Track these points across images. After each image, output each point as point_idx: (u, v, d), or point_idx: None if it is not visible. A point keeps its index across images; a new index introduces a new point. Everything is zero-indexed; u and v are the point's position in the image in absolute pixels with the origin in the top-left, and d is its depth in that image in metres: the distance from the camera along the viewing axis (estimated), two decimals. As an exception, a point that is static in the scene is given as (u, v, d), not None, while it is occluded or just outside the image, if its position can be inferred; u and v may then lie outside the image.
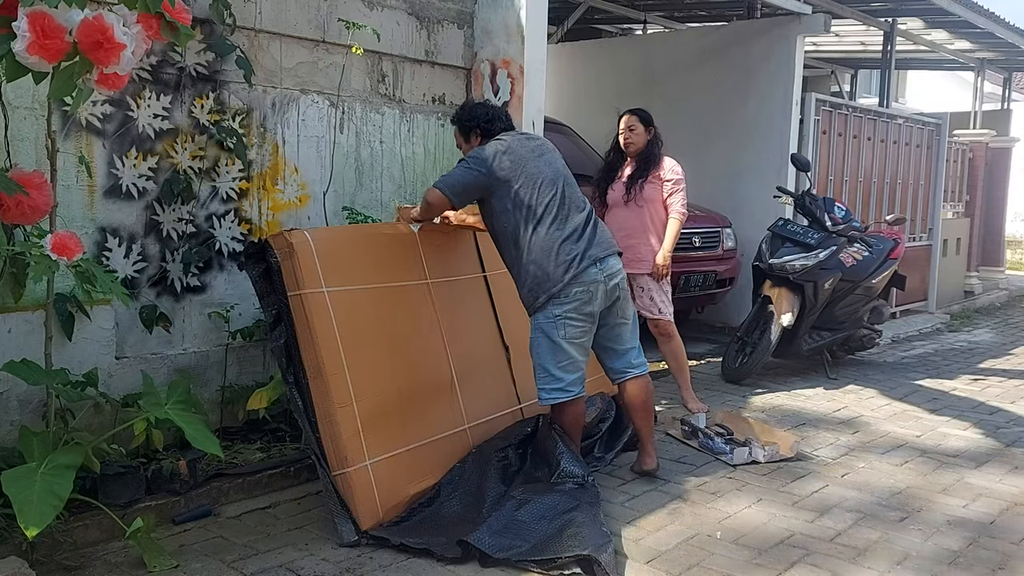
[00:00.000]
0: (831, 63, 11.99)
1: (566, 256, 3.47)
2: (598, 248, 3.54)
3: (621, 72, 8.20)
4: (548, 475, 3.44)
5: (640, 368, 3.78)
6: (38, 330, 3.07)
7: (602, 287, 3.52)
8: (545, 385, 3.57)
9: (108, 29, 2.32)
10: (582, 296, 3.48)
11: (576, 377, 3.57)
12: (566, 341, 3.51)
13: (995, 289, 11.23)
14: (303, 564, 2.95)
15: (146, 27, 2.43)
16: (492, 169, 3.50)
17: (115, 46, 2.33)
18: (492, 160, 3.51)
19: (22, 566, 2.62)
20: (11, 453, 2.99)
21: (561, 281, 3.46)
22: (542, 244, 3.48)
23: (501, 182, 3.50)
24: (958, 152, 10.28)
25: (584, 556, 2.88)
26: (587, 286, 3.48)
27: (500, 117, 3.74)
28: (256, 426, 3.98)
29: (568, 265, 3.46)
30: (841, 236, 5.90)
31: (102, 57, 2.33)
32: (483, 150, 3.57)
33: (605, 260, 3.55)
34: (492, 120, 3.71)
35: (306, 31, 4.21)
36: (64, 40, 2.31)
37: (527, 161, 3.54)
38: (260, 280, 3.36)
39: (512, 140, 3.62)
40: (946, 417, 5.15)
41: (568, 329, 3.50)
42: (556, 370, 3.54)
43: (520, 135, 3.73)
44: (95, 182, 3.54)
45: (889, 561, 3.11)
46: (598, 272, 3.51)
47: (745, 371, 5.78)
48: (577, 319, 3.50)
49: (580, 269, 3.47)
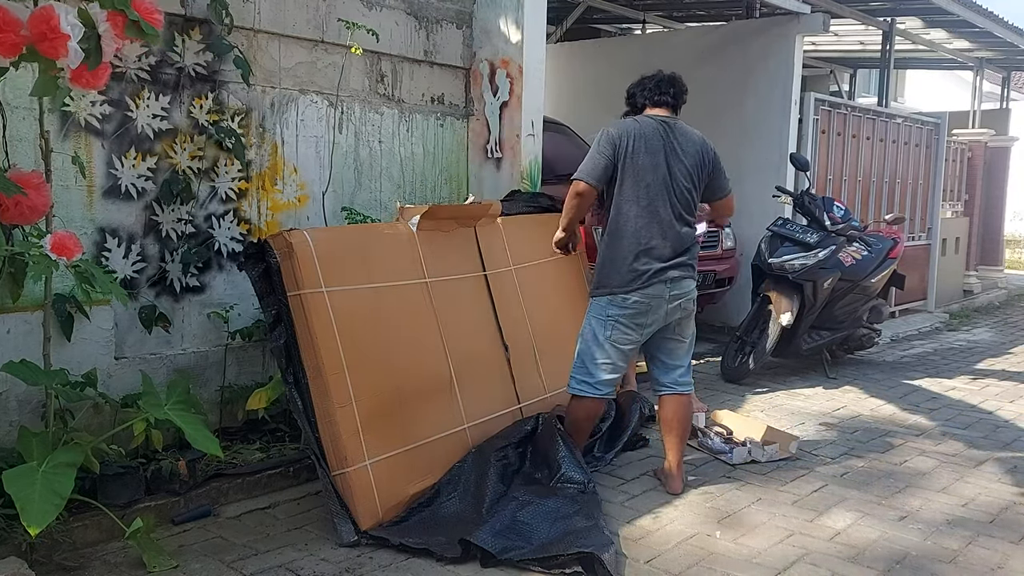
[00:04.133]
0: (830, 62, 12.00)
1: (641, 266, 3.49)
2: (676, 267, 3.55)
3: (620, 72, 8.13)
4: (548, 478, 3.45)
5: (684, 387, 3.76)
6: (37, 330, 3.07)
7: (664, 304, 3.54)
8: (577, 375, 3.62)
9: (53, 19, 2.27)
10: (639, 307, 3.51)
11: (608, 379, 3.60)
12: (609, 343, 3.55)
13: (994, 288, 11.24)
14: (303, 564, 2.95)
15: (113, 25, 2.41)
16: (615, 149, 3.53)
17: (59, 37, 2.28)
18: (616, 139, 3.54)
19: (22, 566, 2.62)
20: (10, 453, 2.98)
21: (626, 286, 3.48)
22: (627, 241, 3.51)
23: (618, 164, 3.53)
24: (957, 151, 10.28)
25: (586, 554, 2.88)
26: (649, 299, 3.50)
27: (646, 88, 3.73)
28: (255, 426, 3.97)
29: (639, 275, 3.48)
30: (840, 235, 5.90)
31: (49, 49, 2.29)
32: (612, 128, 3.59)
33: (679, 282, 3.56)
34: (635, 93, 3.78)
35: (305, 31, 4.20)
36: (19, 34, 2.28)
37: (648, 152, 3.54)
38: (259, 280, 3.35)
39: (648, 124, 3.60)
40: (945, 416, 5.15)
41: (615, 332, 3.54)
42: (592, 365, 3.58)
43: (663, 122, 3.64)
44: (94, 182, 3.54)
45: (889, 560, 3.11)
46: (665, 289, 3.52)
47: (744, 370, 5.78)
48: (627, 326, 3.53)
49: (647, 283, 3.48)
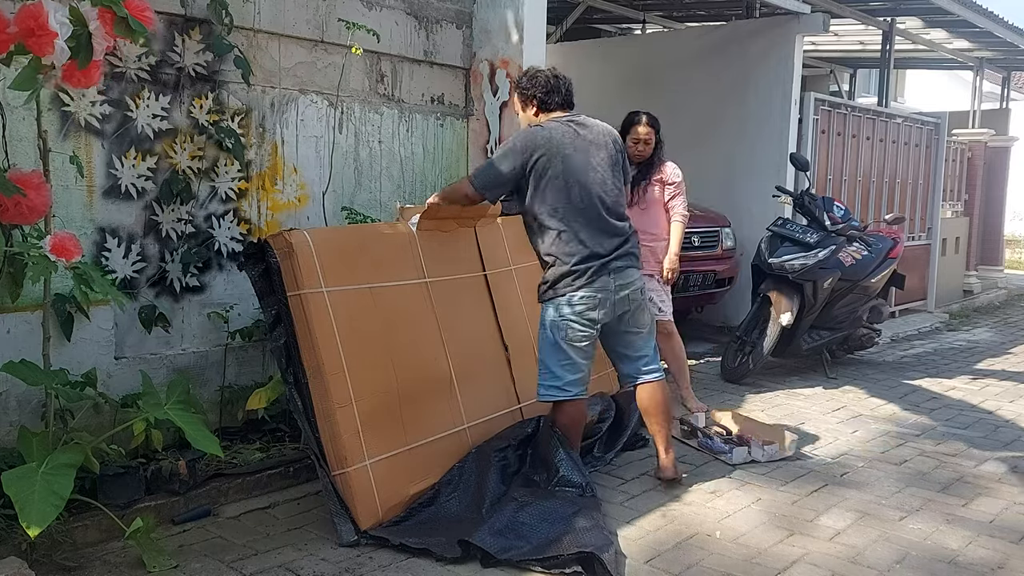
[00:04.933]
0: (830, 62, 11.99)
1: (584, 266, 3.45)
2: (618, 258, 3.52)
3: (620, 72, 8.20)
4: (547, 480, 3.44)
5: (652, 375, 3.75)
6: (37, 330, 3.07)
7: (612, 296, 3.51)
8: (543, 381, 3.58)
9: (41, 16, 2.27)
10: (589, 302, 3.47)
11: (575, 378, 3.55)
12: (566, 342, 3.51)
13: (994, 288, 11.24)
14: (302, 564, 2.95)
15: (104, 22, 2.41)
16: (526, 164, 3.45)
17: (47, 34, 2.27)
18: (526, 154, 3.45)
19: (22, 566, 2.62)
20: (10, 454, 2.99)
21: (571, 285, 3.46)
22: (562, 243, 3.47)
23: (533, 174, 3.46)
24: (957, 151, 10.28)
25: (586, 554, 2.88)
26: (596, 293, 3.47)
27: (560, 90, 3.63)
28: (255, 426, 3.97)
29: (583, 274, 3.45)
30: (840, 235, 5.90)
31: (36, 45, 2.28)
32: (520, 140, 3.50)
33: (623, 271, 3.54)
34: (551, 92, 3.61)
35: (305, 31, 4.20)
36: (6, 32, 2.28)
37: (567, 156, 3.47)
38: (259, 280, 3.36)
39: (559, 130, 3.52)
40: (945, 416, 5.15)
41: (569, 331, 3.50)
42: (556, 367, 3.54)
43: (570, 122, 3.58)
44: (94, 182, 3.54)
45: (889, 560, 3.11)
46: (611, 281, 3.49)
47: (744, 370, 5.78)
48: (579, 323, 3.49)
49: (593, 279, 3.46)
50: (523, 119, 3.71)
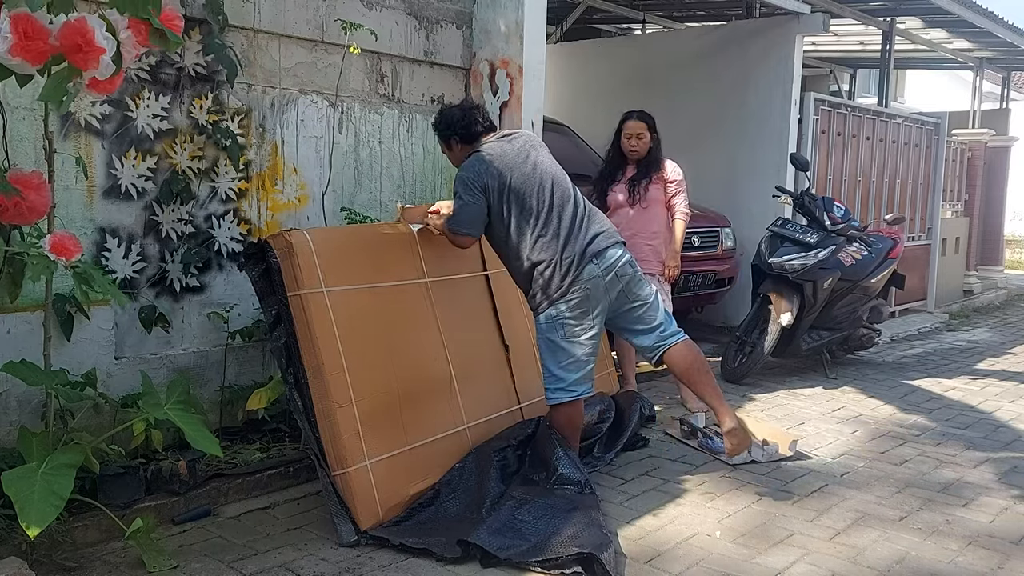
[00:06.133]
0: (830, 62, 12.00)
1: (565, 259, 3.46)
2: (595, 242, 3.52)
3: (620, 72, 8.20)
4: (545, 479, 3.44)
5: (673, 338, 3.71)
6: (37, 330, 3.07)
7: (601, 281, 3.50)
8: (549, 385, 3.60)
9: (88, 32, 2.29)
10: (581, 294, 3.47)
11: (579, 376, 3.56)
12: (565, 340, 3.51)
13: (994, 288, 11.24)
14: (302, 564, 2.95)
15: (135, 32, 2.42)
16: (484, 189, 3.49)
17: (95, 50, 2.30)
18: (479, 181, 3.49)
19: (22, 566, 2.62)
20: (10, 454, 2.99)
21: (561, 286, 3.46)
22: (539, 250, 3.48)
23: (493, 197, 3.50)
24: (957, 151, 10.28)
25: (585, 555, 2.88)
26: (584, 284, 3.47)
27: (477, 119, 3.66)
28: (255, 426, 3.97)
29: (568, 269, 3.46)
30: (840, 235, 5.90)
31: (81, 60, 2.31)
32: (467, 173, 3.52)
33: (603, 253, 3.53)
34: (469, 124, 3.65)
35: (305, 31, 4.20)
36: (47, 43, 2.29)
37: (513, 169, 3.52)
38: (259, 280, 3.36)
39: (495, 149, 3.57)
40: (945, 416, 5.15)
41: (566, 329, 3.50)
42: (558, 370, 3.55)
43: (501, 139, 3.66)
44: (94, 182, 3.54)
45: (889, 560, 3.11)
46: (595, 267, 3.49)
47: (744, 370, 5.78)
48: (573, 318, 3.49)
49: (579, 270, 3.46)
50: (454, 158, 3.74)
